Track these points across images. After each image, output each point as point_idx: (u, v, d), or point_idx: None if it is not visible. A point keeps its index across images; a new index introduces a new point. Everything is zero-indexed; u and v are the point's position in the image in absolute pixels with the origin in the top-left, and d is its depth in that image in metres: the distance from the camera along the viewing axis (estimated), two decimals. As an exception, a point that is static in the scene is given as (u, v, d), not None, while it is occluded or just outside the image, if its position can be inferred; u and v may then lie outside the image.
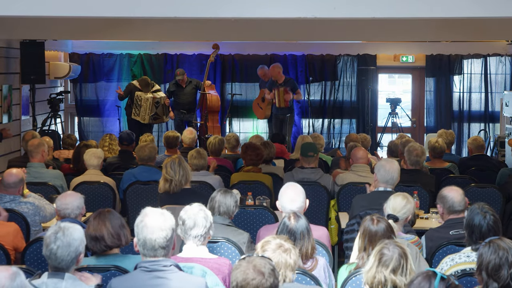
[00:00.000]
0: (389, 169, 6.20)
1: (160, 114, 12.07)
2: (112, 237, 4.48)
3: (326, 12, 6.16)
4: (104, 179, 7.56)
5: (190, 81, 12.51)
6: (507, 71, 13.74)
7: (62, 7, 6.24)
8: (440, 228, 5.53)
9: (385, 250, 3.83)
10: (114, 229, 4.49)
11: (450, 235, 5.32)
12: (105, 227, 4.47)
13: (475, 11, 6.14)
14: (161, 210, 4.12)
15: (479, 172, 8.39)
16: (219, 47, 12.46)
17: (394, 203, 5.24)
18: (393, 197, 5.30)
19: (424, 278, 3.34)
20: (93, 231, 4.47)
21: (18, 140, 11.08)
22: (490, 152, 12.65)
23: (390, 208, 5.22)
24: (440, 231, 5.47)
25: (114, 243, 4.49)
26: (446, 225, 5.45)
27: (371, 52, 13.78)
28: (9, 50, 10.88)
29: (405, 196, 5.30)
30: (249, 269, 3.39)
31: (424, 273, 3.37)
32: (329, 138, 13.90)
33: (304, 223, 4.53)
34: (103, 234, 4.46)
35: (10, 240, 5.41)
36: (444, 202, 5.47)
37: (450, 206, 5.44)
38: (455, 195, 5.45)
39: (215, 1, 6.24)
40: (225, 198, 5.35)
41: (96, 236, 4.46)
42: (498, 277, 3.72)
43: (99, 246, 4.48)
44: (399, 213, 5.18)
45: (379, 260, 3.81)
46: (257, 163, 7.92)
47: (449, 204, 5.44)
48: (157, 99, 12.00)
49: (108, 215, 4.53)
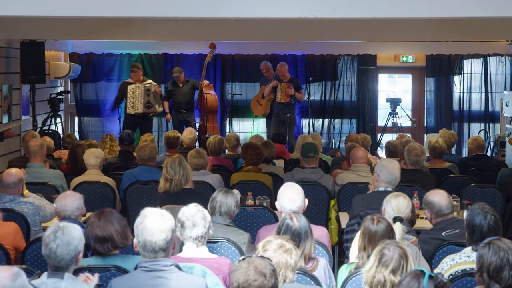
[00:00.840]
0: (391, 169, 6.20)
1: (152, 103, 12.04)
2: (121, 237, 4.46)
3: (326, 12, 6.16)
4: (104, 179, 7.56)
5: (187, 81, 12.51)
6: (507, 71, 13.74)
7: (62, 7, 6.24)
8: (431, 230, 5.54)
9: (386, 250, 3.83)
10: (121, 229, 4.48)
11: (443, 236, 5.33)
12: (112, 227, 4.45)
13: (475, 11, 6.14)
14: (160, 210, 4.10)
15: (479, 172, 8.38)
16: (215, 46, 12.47)
17: (398, 204, 5.20)
18: (394, 199, 5.25)
19: (412, 277, 3.34)
20: (100, 231, 4.43)
21: (18, 140, 11.08)
22: (490, 152, 12.64)
23: (395, 210, 5.17)
24: (432, 233, 5.48)
25: (122, 243, 4.48)
26: (437, 228, 5.46)
27: (371, 52, 13.78)
28: (9, 50, 10.88)
29: (404, 196, 5.30)
30: (250, 270, 3.38)
31: (412, 273, 3.37)
32: (329, 138, 13.90)
33: (306, 223, 4.53)
34: (112, 234, 4.43)
35: (10, 239, 5.41)
36: (431, 208, 5.47)
37: (438, 211, 5.45)
38: (441, 199, 5.45)
39: (215, 1, 6.24)
40: (226, 198, 5.34)
41: (104, 237, 4.43)
42: (500, 279, 3.72)
43: (106, 246, 4.44)
44: (403, 214, 5.17)
45: (379, 260, 3.81)
46: (257, 163, 7.92)
47: (437, 209, 5.45)
48: (147, 86, 12.03)
49: (113, 215, 4.52)
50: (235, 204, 5.37)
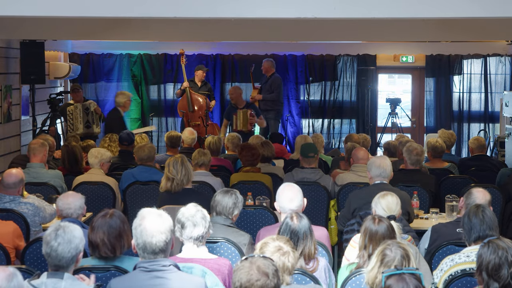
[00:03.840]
0: (379, 163, 6.41)
1: (90, 122, 11.60)
2: (107, 248, 4.37)
3: (326, 12, 6.16)
4: (106, 178, 7.56)
5: (205, 83, 12.43)
6: (507, 71, 13.74)
7: (62, 7, 6.24)
8: (449, 223, 5.61)
9: (388, 251, 3.84)
10: (109, 239, 4.36)
11: (456, 232, 5.34)
12: (101, 235, 4.35)
13: (475, 11, 6.14)
14: (158, 211, 4.07)
15: (479, 172, 8.38)
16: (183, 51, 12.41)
17: (388, 203, 5.24)
18: (382, 199, 5.28)
19: (397, 280, 3.35)
20: (91, 237, 4.38)
21: (18, 140, 11.08)
22: (490, 152, 12.65)
23: (386, 210, 5.19)
24: (448, 226, 5.53)
25: (107, 254, 4.38)
26: (457, 221, 5.47)
27: (371, 52, 13.78)
28: (9, 50, 10.88)
29: (391, 194, 5.33)
30: (253, 270, 3.38)
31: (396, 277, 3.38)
32: (329, 138, 13.91)
33: (306, 223, 4.53)
34: (98, 243, 4.37)
35: (10, 239, 5.41)
36: (467, 197, 5.49)
37: (469, 204, 5.46)
38: (480, 196, 5.45)
39: (215, 1, 6.24)
40: (223, 197, 5.28)
41: (91, 243, 4.39)
42: (499, 277, 3.73)
43: (96, 253, 4.41)
44: (395, 211, 5.19)
45: (381, 261, 3.81)
46: (254, 163, 7.91)
47: (470, 202, 5.44)
48: (86, 105, 11.63)
49: (109, 221, 4.39)
50: (232, 205, 5.26)
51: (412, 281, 3.31)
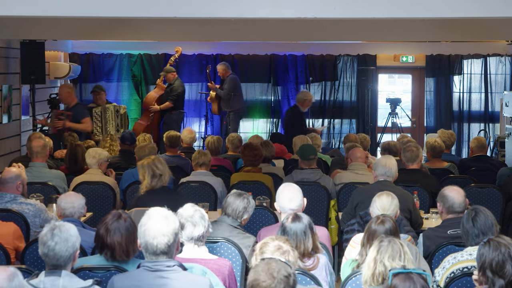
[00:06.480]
0: (385, 162, 6.46)
1: (119, 125, 11.55)
2: (122, 251, 4.35)
3: (326, 12, 6.16)
4: (105, 178, 7.56)
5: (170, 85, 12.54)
6: (507, 71, 13.74)
7: (62, 7, 6.24)
8: (438, 227, 5.56)
9: (382, 242, 3.92)
10: (126, 242, 4.34)
11: (448, 235, 5.34)
12: (119, 238, 4.32)
13: (475, 11, 6.15)
14: (166, 212, 4.04)
15: (479, 172, 8.38)
16: (180, 51, 12.55)
17: (382, 204, 5.24)
18: (377, 199, 5.29)
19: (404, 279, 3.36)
20: (106, 239, 4.33)
21: (18, 140, 11.08)
22: (490, 152, 12.64)
23: (380, 210, 5.19)
24: (437, 230, 5.51)
25: (122, 257, 4.36)
26: (444, 225, 5.47)
27: (371, 52, 13.78)
28: (9, 50, 10.88)
29: (387, 193, 5.32)
30: (263, 271, 3.39)
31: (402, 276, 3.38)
32: (329, 138, 13.91)
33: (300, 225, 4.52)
34: (114, 246, 4.33)
35: (10, 239, 5.40)
36: (444, 201, 5.48)
37: (449, 206, 5.45)
38: (456, 195, 5.46)
39: (215, 1, 6.24)
40: (235, 200, 5.26)
41: (107, 246, 4.35)
42: (503, 273, 3.75)
43: (108, 254, 4.36)
44: (389, 211, 5.18)
45: (377, 251, 3.87)
46: (255, 164, 7.90)
47: (449, 204, 5.45)
48: (117, 107, 11.69)
49: (125, 224, 4.35)
50: (242, 209, 5.24)
51: (420, 281, 3.32)
